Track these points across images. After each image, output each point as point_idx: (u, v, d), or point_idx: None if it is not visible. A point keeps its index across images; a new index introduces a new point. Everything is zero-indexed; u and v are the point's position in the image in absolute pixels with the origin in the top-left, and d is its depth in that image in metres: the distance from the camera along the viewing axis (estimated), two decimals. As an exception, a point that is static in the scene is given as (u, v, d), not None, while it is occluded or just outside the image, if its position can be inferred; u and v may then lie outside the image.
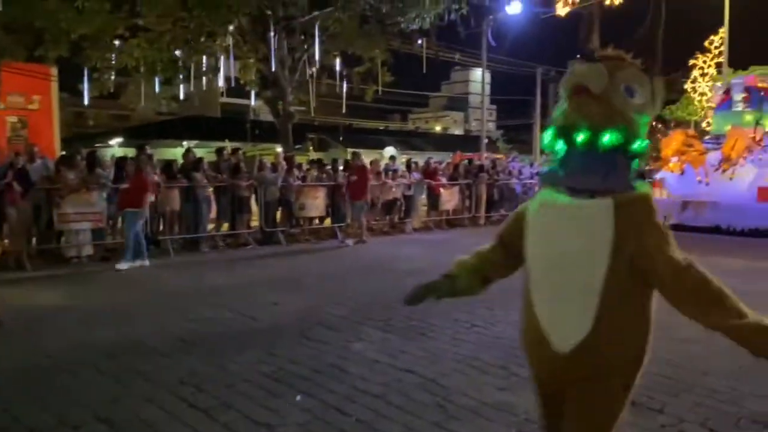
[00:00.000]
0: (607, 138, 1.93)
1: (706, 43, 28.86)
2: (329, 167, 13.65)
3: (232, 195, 11.18)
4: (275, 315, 6.26)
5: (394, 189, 13.87)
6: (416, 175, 14.86)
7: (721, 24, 23.23)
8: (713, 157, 14.48)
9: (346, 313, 6.29)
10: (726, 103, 16.39)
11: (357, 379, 4.39)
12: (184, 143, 28.18)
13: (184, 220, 10.85)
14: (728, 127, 15.25)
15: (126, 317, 6.17)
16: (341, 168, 13.45)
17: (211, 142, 24.35)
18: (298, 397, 4.16)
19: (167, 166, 11.68)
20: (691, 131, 16.14)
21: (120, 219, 9.96)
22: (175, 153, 21.64)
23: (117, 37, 13.93)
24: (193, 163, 11.05)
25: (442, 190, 14.85)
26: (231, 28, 13.83)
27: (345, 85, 17.47)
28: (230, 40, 14.50)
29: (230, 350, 5.05)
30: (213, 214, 11.41)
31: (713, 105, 18.04)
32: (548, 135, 2.07)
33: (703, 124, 23.40)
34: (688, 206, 14.25)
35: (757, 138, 14.12)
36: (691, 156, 14.66)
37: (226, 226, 11.49)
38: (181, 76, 15.27)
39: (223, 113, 42.28)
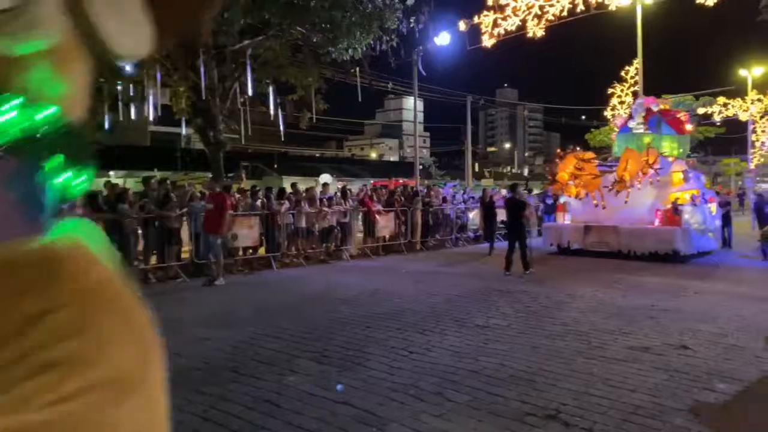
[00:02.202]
0: None
1: (622, 73, 30.62)
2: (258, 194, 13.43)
3: (161, 226, 10.82)
4: (206, 351, 6.04)
5: (329, 216, 13.81)
6: (352, 202, 14.89)
7: (636, 55, 24.81)
8: (607, 179, 14.31)
9: (280, 345, 6.15)
10: (627, 126, 16.41)
11: (291, 414, 4.28)
12: (111, 173, 27.22)
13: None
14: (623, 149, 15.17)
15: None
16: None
17: (140, 171, 23.63)
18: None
19: (91, 197, 11.19)
20: (588, 154, 15.71)
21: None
22: (100, 184, 20.86)
23: (36, 64, 13.33)
24: (117, 195, 10.63)
25: (378, 216, 14.92)
26: (158, 56, 13.51)
27: (280, 113, 17.41)
28: (158, 69, 14.16)
29: (157, 390, 4.82)
30: (140, 246, 11.00)
31: (617, 128, 17.59)
32: None
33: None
34: (591, 231, 14.16)
35: (651, 161, 13.88)
36: (584, 179, 14.35)
37: (154, 259, 11.07)
38: (105, 106, 14.75)
39: (153, 142, 41.12)
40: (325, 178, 26.66)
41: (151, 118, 16.82)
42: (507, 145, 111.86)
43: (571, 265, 12.66)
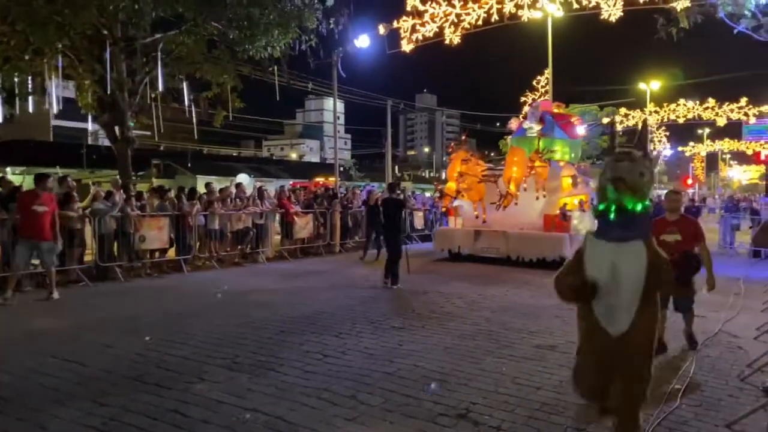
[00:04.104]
0: None
1: (534, 83, 31.93)
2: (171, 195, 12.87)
3: (61, 227, 10.12)
4: (108, 359, 5.70)
5: (244, 218, 13.47)
6: (269, 203, 14.61)
7: (547, 66, 25.97)
8: (493, 189, 13.72)
9: (188, 352, 5.91)
10: (522, 128, 15.65)
11: (198, 423, 4.11)
12: (8, 169, 25.34)
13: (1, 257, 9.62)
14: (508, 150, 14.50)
15: None
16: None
17: (40, 168, 22.13)
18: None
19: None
20: (473, 153, 14.99)
21: None
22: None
23: None
24: (9, 192, 9.88)
25: (296, 218, 14.72)
26: (60, 46, 12.66)
27: (193, 110, 16.83)
28: (60, 60, 13.28)
29: (52, 404, 4.50)
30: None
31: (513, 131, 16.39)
32: None
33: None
34: (481, 236, 13.66)
35: (539, 166, 13.29)
36: (467, 183, 13.83)
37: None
38: (0, 97, 13.66)
39: (56, 137, 38.78)
40: (242, 178, 26.04)
41: (53, 111, 15.79)
42: (426, 149, 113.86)
43: (472, 270, 12.71)
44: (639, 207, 3.27)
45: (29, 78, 13.90)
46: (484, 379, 5.08)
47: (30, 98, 14.64)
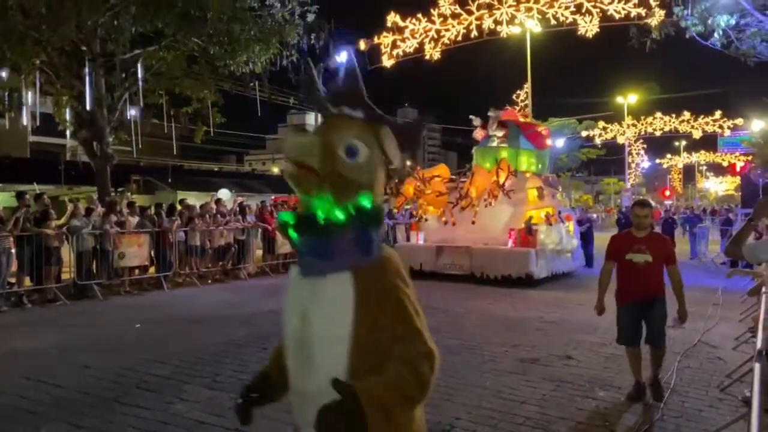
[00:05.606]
0: None
1: (513, 97, 32.32)
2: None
3: (38, 245, 9.97)
4: (85, 380, 5.59)
5: (225, 233, 13.37)
6: (250, 218, 14.52)
7: (527, 80, 26.38)
8: (454, 195, 13.34)
9: (168, 372, 5.81)
10: (486, 138, 14.96)
11: (178, 445, 4.04)
12: (-17, 186, 24.94)
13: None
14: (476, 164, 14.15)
15: None
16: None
17: (17, 185, 21.83)
18: None
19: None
20: (432, 171, 14.34)
21: None
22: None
23: None
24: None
25: (278, 233, 14.62)
26: (38, 62, 12.55)
27: (173, 126, 16.76)
28: (38, 76, 13.16)
29: (25, 427, 4.39)
30: (15, 267, 10.07)
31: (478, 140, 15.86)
32: None
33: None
34: (443, 252, 12.94)
35: (501, 181, 12.71)
36: (428, 198, 13.43)
37: (27, 280, 10.14)
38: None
39: (33, 153, 38.28)
40: (223, 193, 25.85)
41: (29, 127, 15.63)
42: (408, 163, 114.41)
43: (447, 285, 12.53)
44: (342, 215, 1.73)
45: (6, 94, 13.74)
46: (468, 393, 5.07)
47: (6, 115, 14.47)
